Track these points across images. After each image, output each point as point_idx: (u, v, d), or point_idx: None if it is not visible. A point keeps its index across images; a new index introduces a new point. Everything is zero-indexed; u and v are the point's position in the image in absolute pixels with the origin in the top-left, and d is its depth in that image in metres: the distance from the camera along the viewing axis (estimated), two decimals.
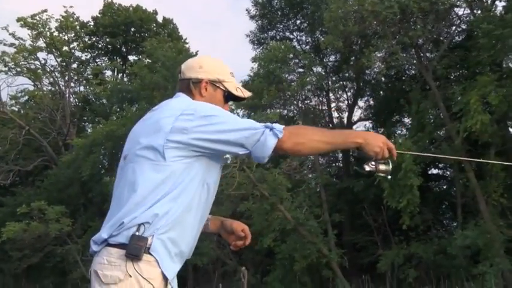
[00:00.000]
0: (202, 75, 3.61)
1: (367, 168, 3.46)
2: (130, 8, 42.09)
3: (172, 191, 3.24)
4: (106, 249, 3.20)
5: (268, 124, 3.31)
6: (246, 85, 30.50)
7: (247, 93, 3.78)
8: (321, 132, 3.57)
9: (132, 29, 42.67)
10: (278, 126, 3.27)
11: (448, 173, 31.55)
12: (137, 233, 3.13)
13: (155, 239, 3.15)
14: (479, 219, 24.64)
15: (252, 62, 31.59)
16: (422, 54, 27.94)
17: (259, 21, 36.35)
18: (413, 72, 29.86)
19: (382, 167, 3.49)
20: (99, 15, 42.12)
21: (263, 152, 3.22)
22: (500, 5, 26.60)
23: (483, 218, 24.25)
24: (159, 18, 44.21)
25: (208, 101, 3.53)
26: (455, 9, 27.86)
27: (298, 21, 36.78)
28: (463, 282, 23.25)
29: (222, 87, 3.63)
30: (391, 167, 3.55)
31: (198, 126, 3.24)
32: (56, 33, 39.41)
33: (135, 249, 3.11)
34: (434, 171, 31.91)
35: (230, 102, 3.94)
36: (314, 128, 3.61)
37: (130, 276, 3.11)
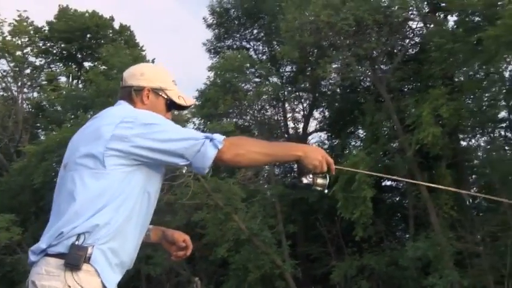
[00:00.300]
0: (144, 82, 3.57)
1: (304, 181, 3.47)
2: (86, 14, 41.75)
3: (114, 200, 3.19)
4: (44, 260, 3.13)
5: (209, 135, 3.30)
6: (202, 94, 31.09)
7: (190, 102, 3.76)
8: (262, 144, 3.54)
9: (88, 35, 42.19)
10: (218, 137, 3.26)
11: (401, 185, 31.74)
12: (77, 243, 3.07)
13: (95, 249, 3.10)
14: (430, 231, 25.19)
15: (209, 71, 31.84)
16: (376, 66, 28.27)
17: (216, 30, 36.78)
18: (367, 84, 30.38)
19: (319, 180, 3.51)
20: (54, 21, 41.60)
21: (203, 162, 3.22)
22: (451, 20, 27.47)
23: (434, 230, 24.86)
24: (116, 25, 43.94)
25: (150, 109, 3.48)
26: (409, 22, 28.46)
27: (255, 31, 37.33)
28: None
29: (164, 95, 3.59)
30: (328, 181, 3.57)
31: (137, 135, 3.20)
32: (8, 38, 38.91)
33: (74, 258, 3.05)
34: (388, 183, 32.18)
35: (177, 112, 3.81)
36: (255, 139, 3.65)
37: (70, 286, 3.04)
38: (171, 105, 3.65)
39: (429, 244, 24.39)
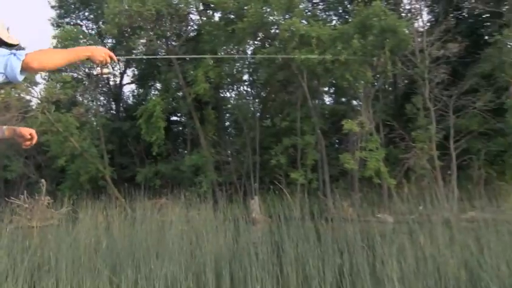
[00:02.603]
0: None
1: (94, 72, 4.94)
2: None
3: None
4: None
5: (13, 51, 3.61)
6: None
7: (15, 41, 3.91)
8: (59, 51, 4.04)
9: None
10: (20, 52, 3.57)
11: (184, 119, 37.69)
12: None
13: None
14: (200, 148, 32.54)
15: (53, 39, 35.23)
16: (169, 43, 35.03)
17: (58, 10, 40.05)
18: (163, 53, 35.28)
19: (105, 70, 4.14)
20: None
21: (12, 72, 3.47)
22: (217, 15, 34.32)
23: (202, 148, 32.33)
24: None
25: None
26: (190, 15, 35.27)
27: (86, 13, 41.02)
28: (188, 188, 28.22)
29: None
30: (111, 69, 4.22)
31: None
32: None
33: None
34: (175, 118, 38.55)
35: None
36: (52, 49, 4.44)
37: None
38: (1, 43, 3.81)
39: (199, 156, 32.03)
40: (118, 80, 40.06)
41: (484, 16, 30.62)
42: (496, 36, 26.46)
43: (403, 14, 30.15)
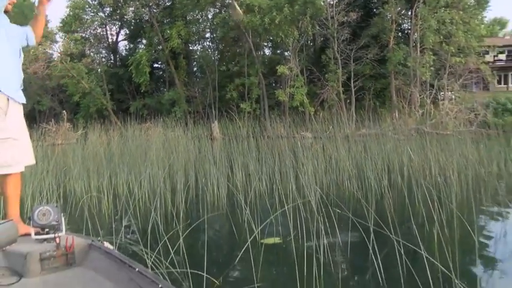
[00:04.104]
0: None
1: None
2: None
3: None
4: None
5: (25, 27, 3.49)
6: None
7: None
8: (42, 20, 3.61)
9: None
10: (30, 28, 3.48)
11: (163, 66, 36.35)
12: None
13: None
14: (175, 87, 32.29)
15: (66, 8, 34.99)
16: (151, 10, 33.66)
17: None
18: (148, 19, 34.86)
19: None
20: None
21: (32, 41, 3.48)
22: None
23: (177, 86, 32.08)
24: None
25: None
26: None
27: None
28: (167, 115, 28.02)
29: None
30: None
31: None
32: None
33: None
34: (156, 65, 37.31)
35: None
36: (42, 20, 3.59)
37: None
38: None
39: (174, 93, 31.96)
40: (115, 38, 38.97)
41: None
42: (380, 10, 28.59)
43: None
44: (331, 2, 29.74)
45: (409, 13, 29.13)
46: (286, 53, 32.00)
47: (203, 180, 8.10)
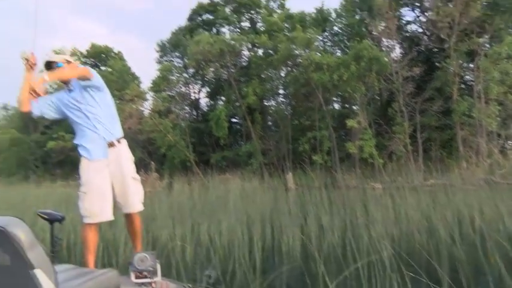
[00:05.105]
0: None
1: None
2: None
3: None
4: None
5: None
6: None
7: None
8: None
9: None
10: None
11: (240, 121, 36.79)
12: None
13: None
14: (251, 140, 32.05)
15: (156, 71, 37.40)
16: (229, 70, 34.42)
17: (159, 52, 40.99)
18: (226, 78, 35.60)
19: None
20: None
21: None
22: (260, 51, 34.22)
23: (253, 140, 31.91)
24: None
25: None
26: (243, 51, 35.38)
27: (176, 53, 40.15)
28: (244, 167, 29.06)
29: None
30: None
31: None
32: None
33: None
34: (234, 120, 37.41)
35: None
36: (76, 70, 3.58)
37: None
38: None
39: (251, 146, 31.85)
40: (197, 95, 40.26)
41: (434, 50, 31.29)
42: (442, 64, 27.92)
43: (383, 48, 30.08)
44: (395, 58, 29.51)
45: (471, 66, 28.42)
46: (354, 107, 31.80)
47: (278, 230, 8.05)
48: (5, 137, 48.05)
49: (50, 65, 3.56)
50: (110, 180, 3.40)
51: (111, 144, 3.56)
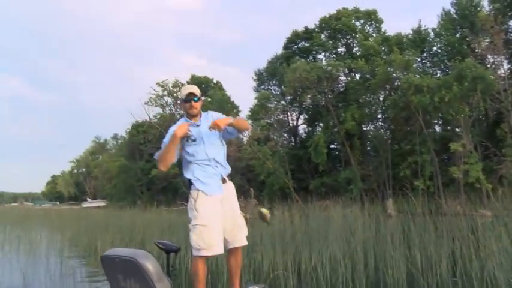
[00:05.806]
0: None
1: None
2: None
3: None
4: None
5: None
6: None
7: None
8: (164, 149, 3.45)
9: None
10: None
11: (339, 146, 36.88)
12: None
13: None
14: (350, 166, 31.87)
15: (254, 99, 37.14)
16: (327, 96, 34.71)
17: (257, 81, 41.88)
18: (323, 105, 36.04)
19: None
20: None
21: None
22: (357, 76, 33.82)
23: (352, 166, 31.85)
24: None
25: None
26: (340, 77, 34.97)
27: (273, 81, 40.96)
28: (343, 194, 29.76)
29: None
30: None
31: None
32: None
33: None
34: (333, 146, 37.09)
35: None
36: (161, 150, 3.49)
37: None
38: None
39: (350, 172, 31.44)
40: (295, 122, 40.48)
41: None
42: None
43: (488, 65, 28.36)
44: (502, 75, 27.64)
45: None
46: (457, 129, 30.20)
47: (382, 260, 7.75)
48: (115, 165, 51.54)
49: (188, 97, 3.67)
50: (221, 215, 3.44)
51: (223, 180, 3.67)
